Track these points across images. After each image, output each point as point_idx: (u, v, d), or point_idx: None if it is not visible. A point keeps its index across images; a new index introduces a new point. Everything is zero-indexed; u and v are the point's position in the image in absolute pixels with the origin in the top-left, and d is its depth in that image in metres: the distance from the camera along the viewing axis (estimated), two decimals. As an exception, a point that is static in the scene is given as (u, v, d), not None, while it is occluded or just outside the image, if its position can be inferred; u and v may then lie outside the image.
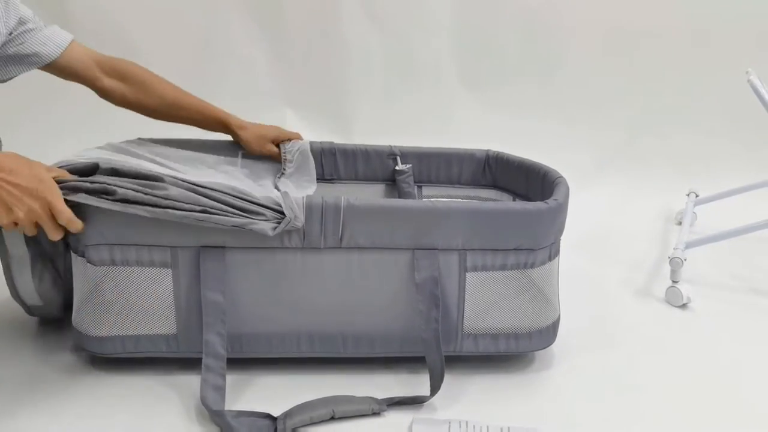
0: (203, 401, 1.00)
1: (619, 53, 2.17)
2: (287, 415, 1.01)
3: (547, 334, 1.18)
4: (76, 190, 0.98)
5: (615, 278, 1.60)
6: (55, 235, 0.97)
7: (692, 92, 2.14)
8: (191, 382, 1.09)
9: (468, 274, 1.11)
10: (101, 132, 1.65)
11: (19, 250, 1.10)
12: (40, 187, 0.93)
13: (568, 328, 1.35)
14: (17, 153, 0.96)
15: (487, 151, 1.50)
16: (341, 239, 1.07)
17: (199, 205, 1.00)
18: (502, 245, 1.10)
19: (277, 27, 2.22)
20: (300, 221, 1.04)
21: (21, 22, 1.19)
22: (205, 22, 2.22)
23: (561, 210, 1.14)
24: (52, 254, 1.15)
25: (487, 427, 1.02)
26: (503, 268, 1.12)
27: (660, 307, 1.46)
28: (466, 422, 1.02)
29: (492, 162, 1.49)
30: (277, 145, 1.48)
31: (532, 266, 1.13)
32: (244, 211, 1.02)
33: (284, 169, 1.48)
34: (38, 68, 1.25)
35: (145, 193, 0.99)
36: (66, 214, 0.96)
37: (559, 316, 1.22)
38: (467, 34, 2.20)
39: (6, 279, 1.14)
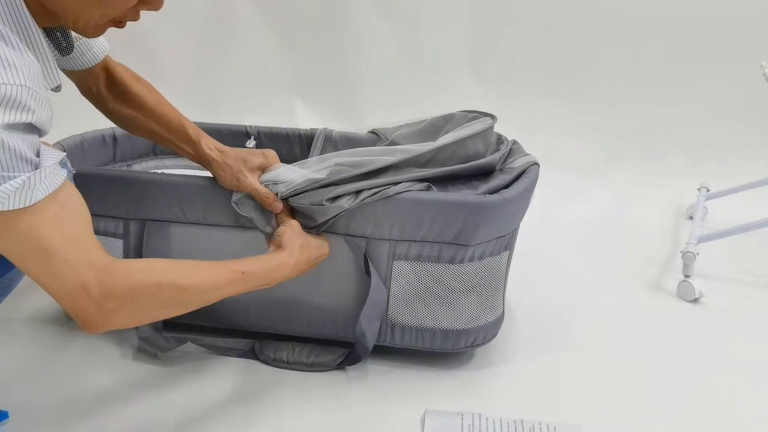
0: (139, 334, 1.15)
1: (631, 44, 2.15)
2: None
3: (483, 332, 1.13)
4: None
5: (627, 272, 1.59)
6: None
7: (704, 85, 2.12)
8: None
9: (396, 263, 1.08)
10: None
11: None
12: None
13: (580, 321, 1.35)
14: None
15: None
16: (275, 223, 1.08)
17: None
18: (435, 237, 1.06)
19: (287, 17, 2.21)
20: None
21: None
22: (213, 13, 2.21)
23: (504, 206, 1.05)
24: None
25: (500, 419, 1.01)
26: (437, 260, 1.07)
27: (672, 301, 1.46)
28: (479, 414, 1.02)
29: None
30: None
31: (466, 261, 1.07)
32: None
33: None
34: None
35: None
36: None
37: (500, 316, 1.16)
38: (478, 25, 2.19)
39: None
